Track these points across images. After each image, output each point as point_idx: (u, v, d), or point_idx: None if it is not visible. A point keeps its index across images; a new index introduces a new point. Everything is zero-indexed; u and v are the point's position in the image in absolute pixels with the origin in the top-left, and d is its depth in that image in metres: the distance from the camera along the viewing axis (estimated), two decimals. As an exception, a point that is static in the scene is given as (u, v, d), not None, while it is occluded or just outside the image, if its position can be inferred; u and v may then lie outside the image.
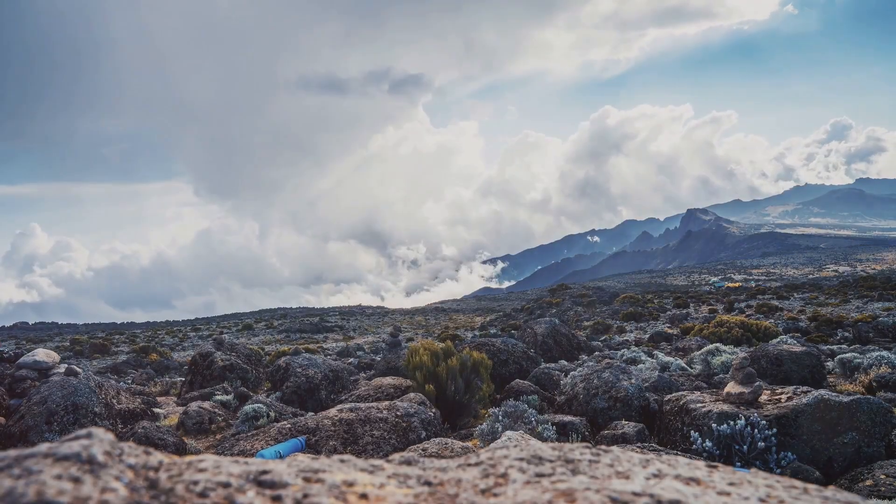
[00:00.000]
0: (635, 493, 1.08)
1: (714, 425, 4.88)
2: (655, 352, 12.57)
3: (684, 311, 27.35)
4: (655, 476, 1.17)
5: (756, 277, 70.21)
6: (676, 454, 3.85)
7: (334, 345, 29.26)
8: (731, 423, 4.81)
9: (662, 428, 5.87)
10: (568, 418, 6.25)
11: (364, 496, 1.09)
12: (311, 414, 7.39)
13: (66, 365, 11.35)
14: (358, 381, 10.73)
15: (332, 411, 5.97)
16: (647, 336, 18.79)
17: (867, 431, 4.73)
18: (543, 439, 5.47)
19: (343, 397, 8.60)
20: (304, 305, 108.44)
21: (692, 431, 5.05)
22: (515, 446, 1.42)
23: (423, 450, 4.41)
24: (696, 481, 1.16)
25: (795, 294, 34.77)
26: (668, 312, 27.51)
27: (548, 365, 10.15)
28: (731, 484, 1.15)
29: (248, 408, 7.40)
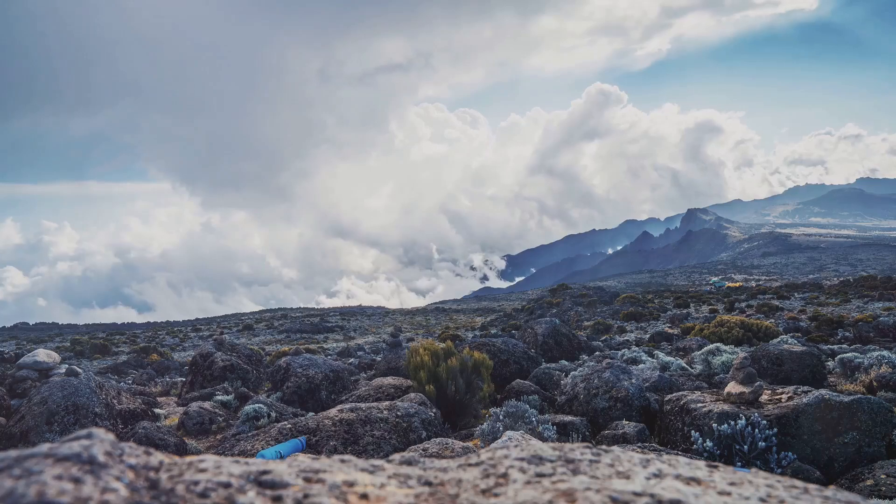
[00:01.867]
0: (636, 493, 1.08)
1: (714, 425, 4.88)
2: (656, 352, 12.56)
3: (685, 311, 27.34)
4: (656, 476, 1.17)
5: (756, 277, 70.20)
6: (677, 454, 3.85)
7: (335, 345, 29.26)
8: (732, 422, 4.81)
9: (663, 428, 5.87)
10: (568, 418, 6.25)
11: (365, 496, 1.09)
12: (311, 414, 7.39)
13: (66, 365, 11.37)
14: (358, 381, 10.73)
15: (333, 411, 5.97)
16: (648, 336, 18.78)
17: (868, 431, 4.73)
18: (544, 439, 5.47)
19: (344, 397, 8.60)
20: (303, 305, 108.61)
21: (693, 431, 5.05)
22: (516, 446, 1.42)
23: (423, 450, 4.41)
24: (697, 481, 1.16)
25: (796, 294, 34.76)
26: (669, 312, 27.50)
27: (548, 365, 10.15)
28: (732, 484, 1.15)
29: (248, 408, 7.41)
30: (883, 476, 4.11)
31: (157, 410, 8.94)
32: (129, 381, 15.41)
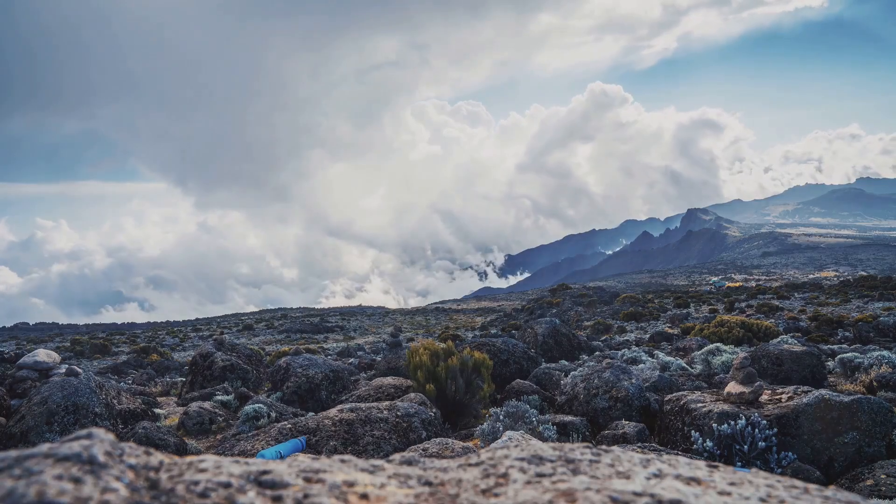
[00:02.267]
0: (636, 493, 1.08)
1: (715, 425, 4.88)
2: (656, 352, 12.56)
3: (685, 311, 27.34)
4: (656, 476, 1.17)
5: (756, 277, 70.20)
6: (677, 454, 3.85)
7: (335, 345, 29.27)
8: (732, 422, 4.81)
9: (663, 428, 5.86)
10: (568, 418, 6.25)
11: (365, 496, 1.09)
12: (311, 414, 7.39)
13: (66, 365, 11.36)
14: (358, 381, 10.73)
15: (333, 411, 5.97)
16: (648, 336, 18.78)
17: (868, 431, 4.73)
18: (544, 439, 5.47)
19: (343, 397, 8.60)
20: (303, 305, 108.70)
21: (693, 431, 5.05)
22: (516, 446, 1.42)
23: (423, 450, 4.41)
24: (697, 481, 1.16)
25: (796, 294, 34.77)
26: (669, 312, 27.50)
27: (548, 365, 10.15)
28: (732, 484, 1.15)
29: (248, 408, 7.40)
30: (883, 476, 4.11)
31: (157, 410, 8.94)
32: (129, 381, 15.40)
